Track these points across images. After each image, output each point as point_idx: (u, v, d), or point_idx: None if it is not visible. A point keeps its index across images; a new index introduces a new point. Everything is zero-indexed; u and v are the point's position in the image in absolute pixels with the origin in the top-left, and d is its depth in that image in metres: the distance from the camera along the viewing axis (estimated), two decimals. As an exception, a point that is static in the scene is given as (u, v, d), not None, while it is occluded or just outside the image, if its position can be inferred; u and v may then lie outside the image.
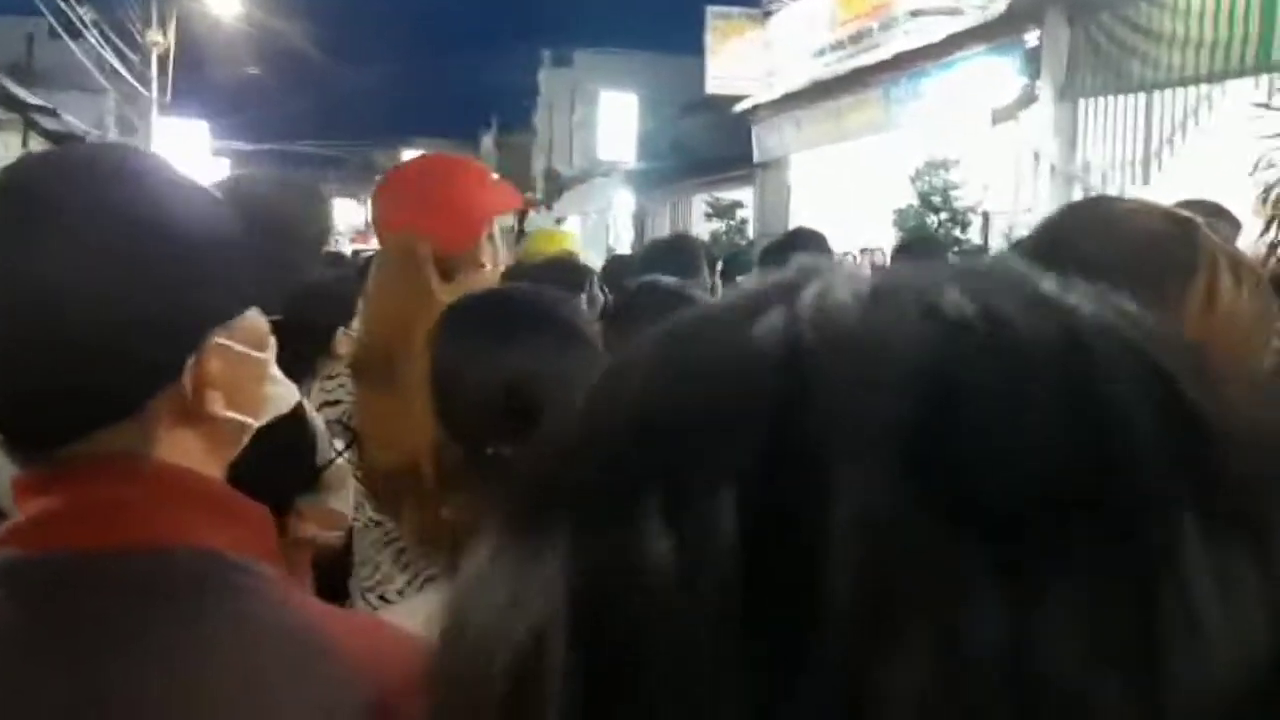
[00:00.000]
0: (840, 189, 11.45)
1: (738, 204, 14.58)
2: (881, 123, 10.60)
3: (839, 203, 11.08)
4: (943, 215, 9.70)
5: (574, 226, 17.56)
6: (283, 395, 0.86)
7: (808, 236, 4.02)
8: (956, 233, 9.56)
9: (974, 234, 9.52)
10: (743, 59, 13.74)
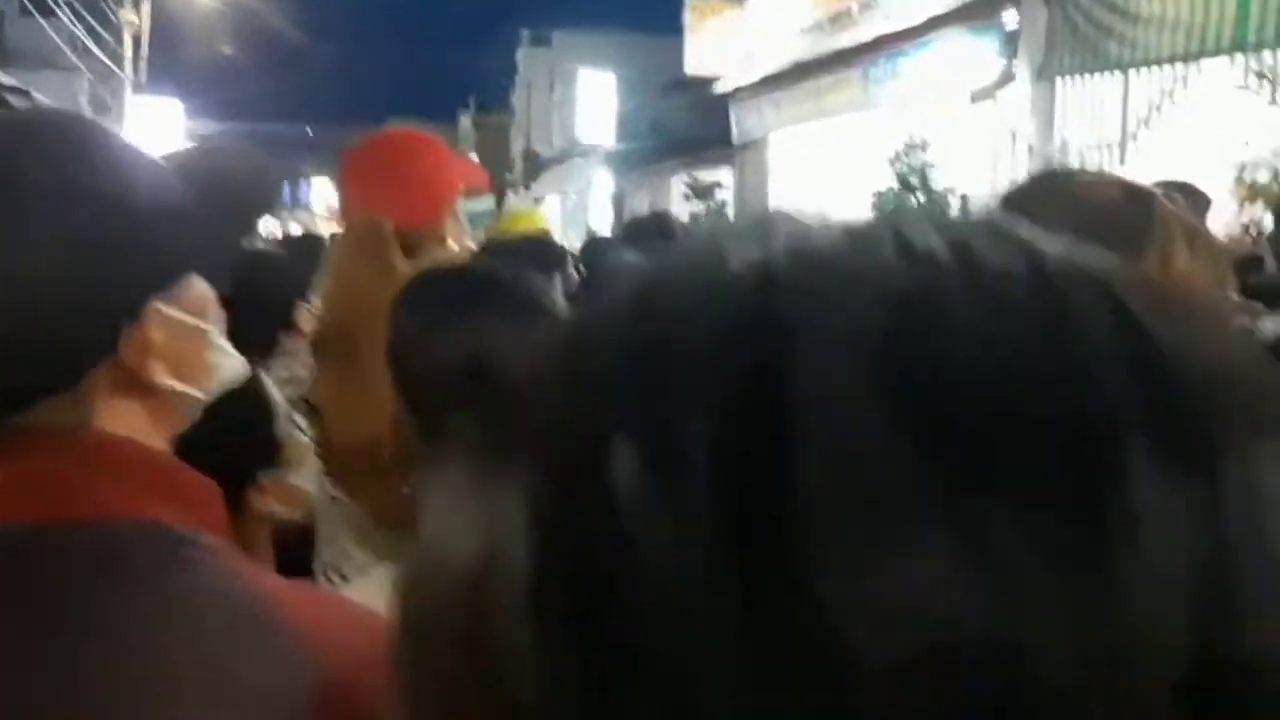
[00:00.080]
0: (820, 169, 11.46)
1: (717, 185, 14.56)
2: (860, 103, 10.59)
3: (818, 183, 11.09)
4: (921, 197, 9.72)
5: (553, 207, 17.49)
6: (229, 365, 0.84)
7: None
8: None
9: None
10: (722, 39, 13.70)
